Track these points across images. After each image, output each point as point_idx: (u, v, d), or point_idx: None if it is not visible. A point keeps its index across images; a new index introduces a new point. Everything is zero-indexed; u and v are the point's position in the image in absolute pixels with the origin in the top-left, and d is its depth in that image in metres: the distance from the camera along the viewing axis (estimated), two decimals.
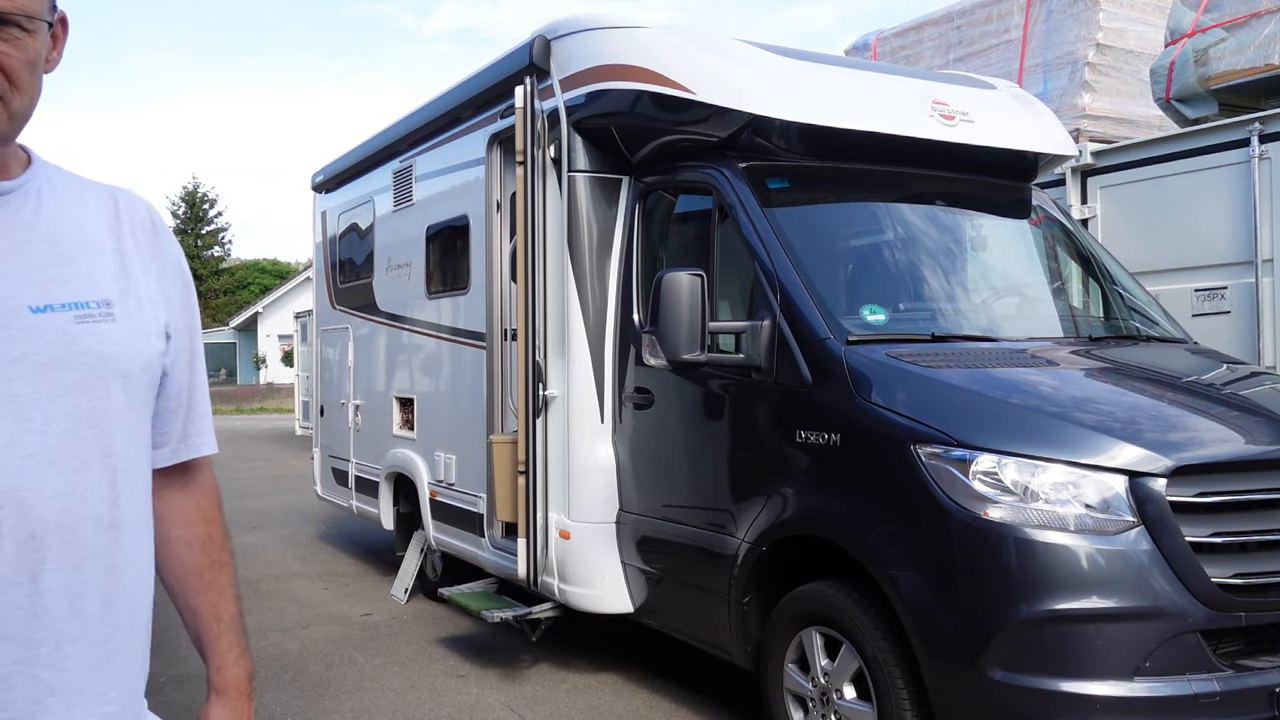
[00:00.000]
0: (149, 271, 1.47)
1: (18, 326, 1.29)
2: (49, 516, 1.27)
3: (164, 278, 1.50)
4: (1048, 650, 3.14)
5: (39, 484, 1.27)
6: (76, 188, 1.46)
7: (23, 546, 1.25)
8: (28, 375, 1.28)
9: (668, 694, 5.05)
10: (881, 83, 4.99)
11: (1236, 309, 5.66)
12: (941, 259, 4.73)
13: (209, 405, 1.64)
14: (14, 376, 1.27)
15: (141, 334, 1.42)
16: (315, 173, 8.98)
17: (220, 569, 1.61)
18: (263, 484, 14.21)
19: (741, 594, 4.12)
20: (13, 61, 1.30)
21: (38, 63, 1.35)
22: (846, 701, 3.69)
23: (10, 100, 1.32)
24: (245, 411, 33.61)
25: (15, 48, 1.30)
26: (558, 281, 5.04)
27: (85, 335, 1.33)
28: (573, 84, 4.95)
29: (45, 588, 1.27)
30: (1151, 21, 7.15)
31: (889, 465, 3.52)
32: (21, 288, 1.30)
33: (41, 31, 1.34)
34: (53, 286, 1.33)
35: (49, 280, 1.33)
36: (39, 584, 1.26)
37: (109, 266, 1.41)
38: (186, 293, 1.55)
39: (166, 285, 1.50)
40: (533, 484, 5.00)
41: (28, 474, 1.26)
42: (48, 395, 1.29)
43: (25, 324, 1.29)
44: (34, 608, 1.26)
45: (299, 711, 4.92)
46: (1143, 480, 3.20)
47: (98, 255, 1.41)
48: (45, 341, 1.30)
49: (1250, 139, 5.58)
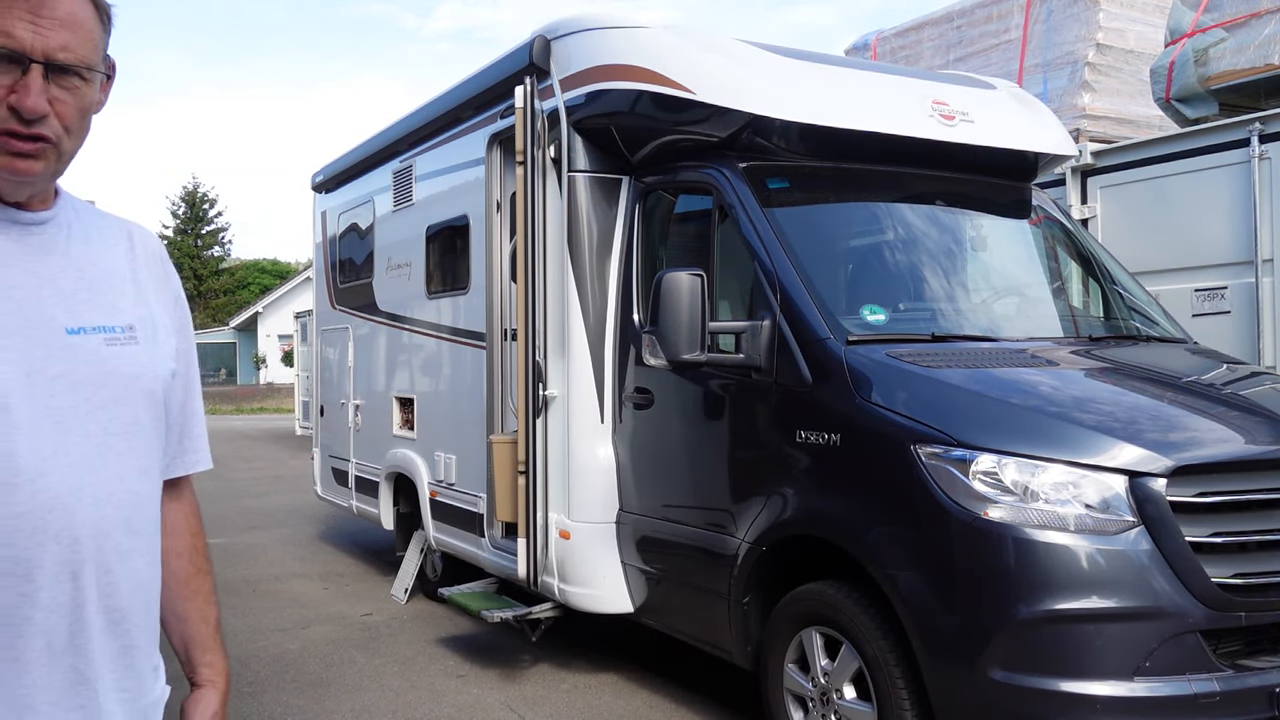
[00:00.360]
0: (160, 300, 1.60)
1: (56, 346, 1.39)
2: (88, 521, 1.37)
3: (170, 306, 1.63)
4: (1048, 650, 3.14)
5: (80, 491, 1.37)
6: (97, 220, 1.57)
7: (66, 548, 1.35)
8: (67, 391, 1.38)
9: (668, 694, 5.05)
10: (881, 83, 4.99)
11: (1236, 309, 5.66)
12: (941, 259, 4.74)
13: (204, 423, 1.76)
14: (56, 392, 1.37)
15: (159, 356, 1.54)
16: (315, 173, 8.98)
17: (205, 576, 1.74)
18: (263, 484, 14.22)
19: (741, 594, 4.12)
20: (69, 109, 1.39)
21: (90, 109, 1.45)
22: (846, 701, 3.69)
23: (62, 143, 1.41)
24: (245, 411, 33.60)
25: (73, 96, 1.40)
26: (558, 281, 5.04)
27: (114, 357, 1.44)
28: (573, 84, 4.95)
29: (83, 586, 1.37)
30: (1151, 21, 7.15)
31: (889, 465, 3.52)
32: (57, 311, 1.41)
33: (96, 80, 1.44)
34: (84, 310, 1.44)
35: (80, 305, 1.44)
36: (78, 583, 1.37)
37: (129, 294, 1.53)
38: (185, 319, 1.68)
39: (172, 312, 1.63)
40: (533, 484, 5.00)
41: (71, 481, 1.36)
42: (85, 410, 1.39)
43: (62, 344, 1.39)
44: (73, 604, 1.36)
45: (299, 711, 4.92)
46: (1143, 480, 3.20)
47: (119, 284, 1.52)
48: (80, 361, 1.40)
49: (1250, 139, 5.58)
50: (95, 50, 1.42)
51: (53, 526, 1.33)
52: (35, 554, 1.32)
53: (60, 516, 1.34)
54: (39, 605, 1.33)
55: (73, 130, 1.41)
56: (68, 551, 1.35)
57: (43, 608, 1.34)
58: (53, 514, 1.33)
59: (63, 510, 1.34)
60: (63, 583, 1.35)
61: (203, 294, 52.74)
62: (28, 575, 1.32)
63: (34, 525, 1.32)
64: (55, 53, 1.36)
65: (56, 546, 1.34)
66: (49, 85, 1.37)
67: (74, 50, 1.38)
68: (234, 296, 52.48)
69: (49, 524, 1.33)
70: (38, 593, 1.33)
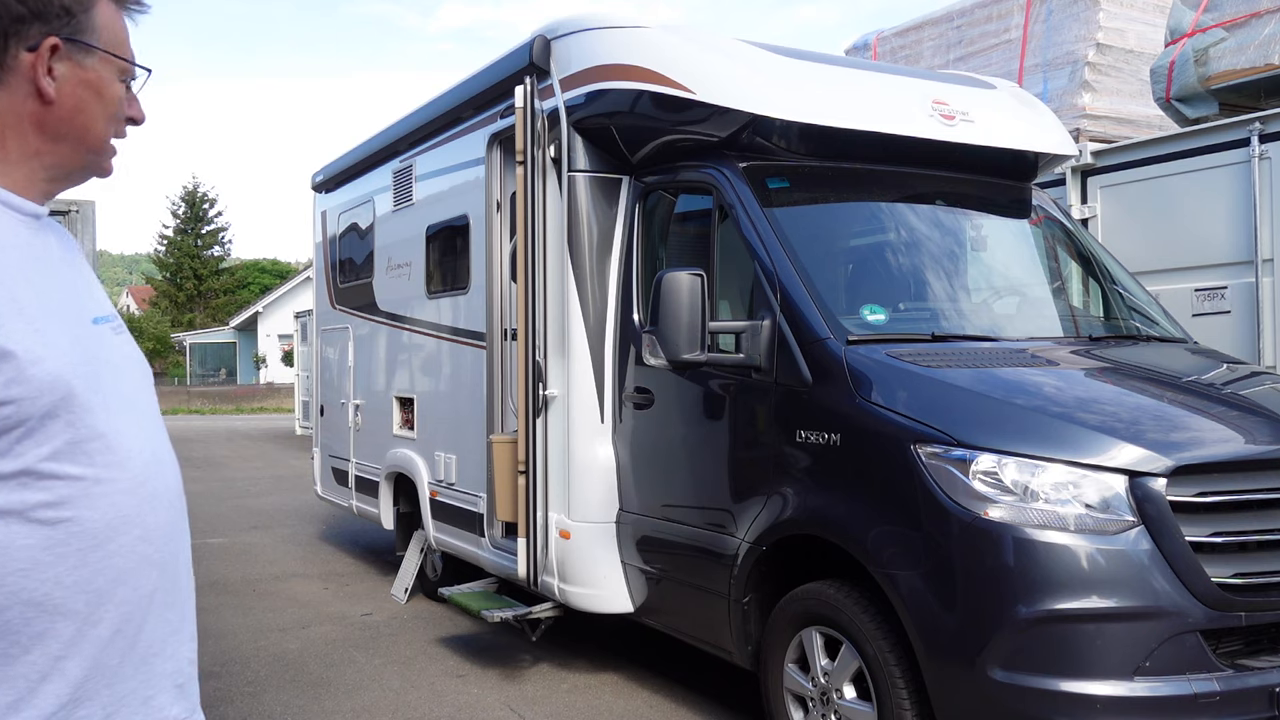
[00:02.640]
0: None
1: (90, 335, 1.43)
2: (168, 491, 1.46)
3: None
4: (1048, 650, 3.14)
5: (159, 464, 1.45)
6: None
7: (171, 507, 1.45)
8: (116, 375, 1.42)
9: (668, 694, 5.05)
10: (882, 82, 4.99)
11: (1236, 309, 5.66)
12: (941, 259, 4.74)
13: None
14: (114, 377, 1.42)
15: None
16: (315, 172, 8.98)
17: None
18: (263, 484, 14.21)
19: (741, 594, 4.12)
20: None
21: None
22: (846, 701, 3.69)
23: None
24: (245, 411, 33.60)
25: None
26: (558, 281, 5.04)
27: (124, 344, 1.50)
28: (573, 84, 4.95)
29: (172, 549, 1.46)
30: (1151, 21, 7.15)
31: (889, 465, 3.52)
32: (84, 301, 1.46)
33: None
34: (91, 302, 1.48)
35: (88, 297, 1.48)
36: (172, 545, 1.46)
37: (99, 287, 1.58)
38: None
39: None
40: (533, 484, 5.00)
41: (152, 455, 1.43)
42: (132, 392, 1.46)
43: (95, 333, 1.44)
44: (176, 561, 1.47)
45: (299, 711, 4.92)
46: (1143, 480, 3.20)
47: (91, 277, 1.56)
48: (112, 346, 1.46)
49: (1250, 139, 5.58)
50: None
51: (156, 491, 1.42)
52: (148, 517, 1.40)
53: (156, 484, 1.42)
54: (153, 563, 1.41)
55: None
56: (174, 512, 1.46)
57: (156, 564, 1.41)
58: (149, 484, 1.41)
59: (156, 479, 1.42)
60: (174, 540, 1.45)
61: (203, 294, 52.73)
62: (145, 536, 1.40)
63: (149, 492, 1.40)
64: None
65: (166, 507, 1.43)
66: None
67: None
68: (234, 296, 52.47)
69: (154, 491, 1.41)
70: (154, 552, 1.41)
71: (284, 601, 7.17)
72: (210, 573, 8.02)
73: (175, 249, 52.89)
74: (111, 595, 1.35)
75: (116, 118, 1.47)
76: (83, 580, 1.31)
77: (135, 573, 1.38)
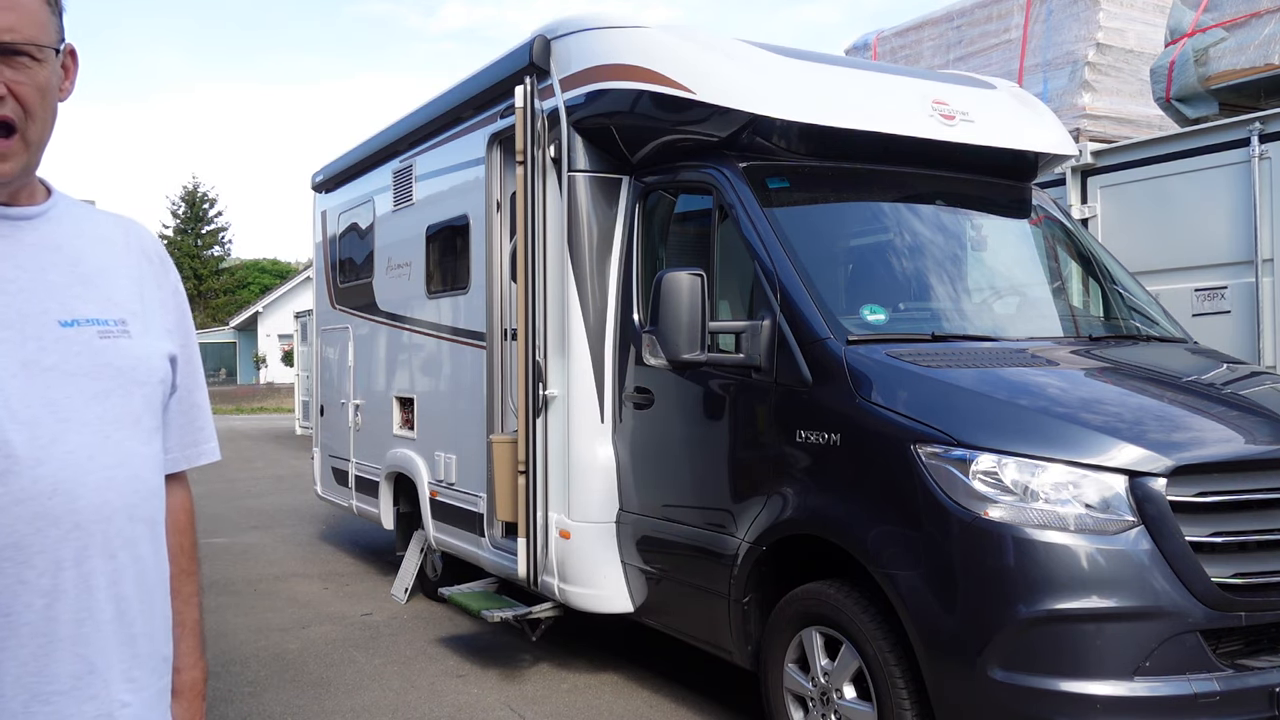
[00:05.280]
0: (157, 295, 1.60)
1: (49, 339, 1.40)
2: (90, 507, 1.38)
3: (168, 302, 1.63)
4: (1048, 650, 3.14)
5: (81, 477, 1.37)
6: (90, 216, 1.58)
7: (69, 534, 1.35)
8: (62, 382, 1.39)
9: (668, 694, 5.05)
10: (882, 82, 4.99)
11: (1236, 309, 5.65)
12: (941, 259, 4.74)
13: (210, 416, 1.75)
14: (50, 383, 1.38)
15: (154, 350, 1.54)
16: (315, 172, 8.98)
17: (188, 578, 1.70)
18: (263, 484, 14.21)
19: (741, 594, 4.12)
20: (25, 90, 1.39)
21: (50, 91, 1.44)
22: (846, 701, 3.69)
23: (27, 130, 1.40)
24: (245, 411, 33.60)
25: (26, 76, 1.39)
26: (558, 281, 5.04)
27: (107, 349, 1.45)
28: (573, 84, 4.95)
29: (88, 572, 1.37)
30: (1151, 21, 7.15)
31: (889, 465, 3.52)
32: (50, 304, 1.42)
33: (51, 60, 1.43)
34: (77, 304, 1.45)
35: (73, 298, 1.45)
36: (82, 569, 1.37)
37: (124, 289, 1.53)
38: (185, 314, 1.69)
39: (170, 308, 1.63)
40: (533, 484, 5.00)
41: (72, 468, 1.36)
42: (81, 401, 1.40)
43: (55, 336, 1.41)
44: (78, 590, 1.36)
45: (299, 711, 4.92)
46: (1143, 480, 3.20)
47: (114, 278, 1.53)
48: (73, 353, 1.41)
49: (1250, 139, 5.58)
50: (42, 29, 1.41)
51: (54, 512, 1.34)
52: (36, 540, 1.32)
53: (62, 502, 1.34)
54: (41, 592, 1.33)
55: (34, 113, 1.41)
56: (70, 537, 1.35)
57: (45, 594, 1.33)
58: (54, 499, 1.34)
59: (64, 495, 1.35)
60: (66, 569, 1.35)
61: (203, 294, 52.72)
62: (29, 561, 1.32)
63: (34, 511, 1.32)
64: (1, 34, 1.36)
65: (57, 532, 1.34)
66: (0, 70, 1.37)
67: (18, 30, 1.37)
68: (234, 296, 52.48)
69: (49, 509, 1.33)
70: (40, 579, 1.33)
71: (284, 601, 7.17)
72: (211, 573, 8.02)
73: (175, 249, 52.86)
74: None
75: None
76: None
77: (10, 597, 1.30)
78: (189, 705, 1.68)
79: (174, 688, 1.65)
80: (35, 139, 1.42)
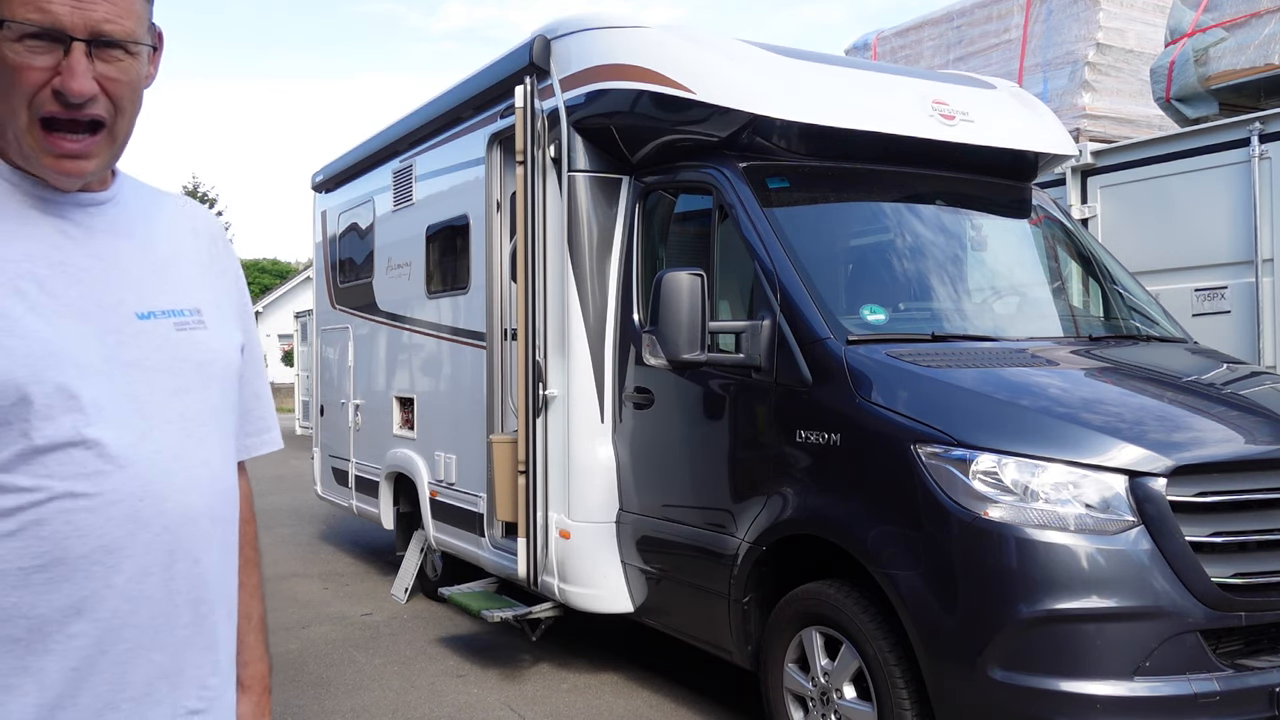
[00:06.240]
0: (222, 280, 1.53)
1: (128, 332, 1.33)
2: (176, 510, 1.31)
3: (231, 287, 1.56)
4: (1048, 650, 3.14)
5: (168, 478, 1.31)
6: (154, 198, 1.50)
7: (158, 537, 1.29)
8: (143, 378, 1.32)
9: (668, 694, 5.05)
10: (882, 82, 4.99)
11: (1236, 309, 5.65)
12: (941, 259, 4.74)
13: (271, 404, 1.68)
14: (132, 380, 1.31)
15: (227, 340, 1.47)
16: (315, 172, 8.98)
17: (253, 569, 1.63)
18: (263, 484, 14.20)
19: (741, 594, 4.12)
20: (120, 87, 1.31)
21: (141, 84, 1.36)
22: (846, 701, 3.69)
23: (116, 125, 1.33)
24: None
25: (121, 71, 1.31)
26: (558, 281, 5.04)
27: (184, 343, 1.38)
28: (573, 84, 4.95)
29: (173, 576, 1.31)
30: (1151, 21, 7.15)
31: (889, 465, 3.52)
32: (126, 295, 1.34)
33: (144, 54, 1.35)
34: (151, 294, 1.37)
35: (148, 288, 1.38)
36: (167, 573, 1.31)
37: (194, 276, 1.46)
38: (245, 298, 1.60)
39: (233, 292, 1.56)
40: (533, 484, 5.00)
41: (159, 468, 1.30)
42: (162, 397, 1.33)
43: (134, 330, 1.33)
44: (162, 595, 1.31)
45: (299, 711, 4.91)
46: (1143, 480, 3.20)
47: (184, 265, 1.45)
48: (153, 347, 1.34)
49: (1250, 139, 5.58)
50: (139, 20, 1.32)
51: (143, 515, 1.28)
52: (128, 543, 1.27)
53: (151, 504, 1.28)
54: (128, 596, 1.28)
55: (125, 110, 1.33)
56: (159, 540, 1.29)
57: (130, 599, 1.28)
58: (144, 501, 1.28)
59: (154, 497, 1.29)
60: (153, 574, 1.29)
61: None
62: (118, 565, 1.26)
63: (125, 513, 1.26)
64: (99, 25, 1.27)
65: (147, 535, 1.28)
66: (93, 63, 1.27)
67: (117, 22, 1.28)
68: None
69: (139, 512, 1.27)
70: (127, 584, 1.27)
71: (284, 601, 7.17)
72: None
73: None
74: (63, 626, 1.22)
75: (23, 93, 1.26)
76: (22, 604, 1.20)
77: (96, 601, 1.25)
78: (257, 700, 1.64)
79: (241, 681, 1.60)
80: (122, 134, 1.35)
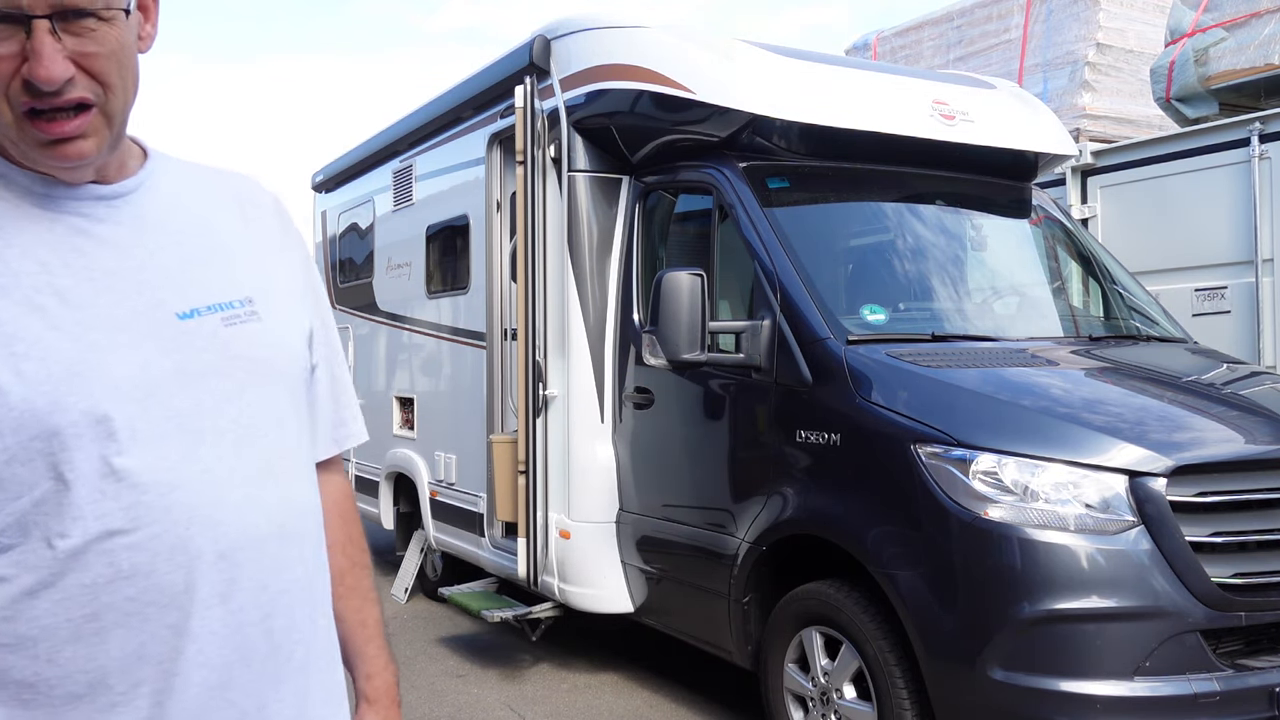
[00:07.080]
0: (282, 264, 1.37)
1: (167, 336, 1.17)
2: (234, 533, 1.16)
3: (295, 269, 1.39)
4: (1048, 650, 3.14)
5: (221, 498, 1.16)
6: (197, 177, 1.34)
7: (213, 567, 1.15)
8: (189, 387, 1.17)
9: (668, 694, 5.05)
10: (882, 82, 4.99)
11: (1236, 309, 5.66)
12: (941, 259, 4.74)
13: (353, 392, 1.54)
14: (175, 390, 1.16)
15: (289, 330, 1.32)
16: (315, 172, 8.98)
17: (362, 571, 1.50)
18: None
19: (741, 594, 4.12)
20: (98, 61, 1.12)
21: (127, 51, 1.16)
22: (846, 701, 3.69)
23: (107, 102, 1.15)
24: None
25: (97, 43, 1.12)
26: (558, 281, 5.04)
27: (236, 339, 1.23)
28: (573, 84, 4.95)
29: (237, 608, 1.17)
30: (1151, 21, 7.16)
31: (889, 465, 3.52)
32: (164, 294, 1.19)
33: (121, 17, 1.14)
34: (193, 289, 1.22)
35: (189, 283, 1.22)
36: (229, 605, 1.16)
37: (245, 261, 1.30)
38: (314, 275, 1.44)
39: (298, 271, 1.39)
40: (533, 484, 5.00)
41: (208, 490, 1.15)
42: (211, 406, 1.18)
43: (174, 332, 1.18)
44: (227, 631, 1.16)
45: None
46: (1143, 480, 3.20)
47: (232, 250, 1.30)
48: (196, 349, 1.19)
49: (1250, 139, 5.58)
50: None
51: (195, 544, 1.13)
52: (179, 578, 1.12)
53: (201, 530, 1.14)
54: (191, 637, 1.14)
55: (112, 84, 1.14)
56: (215, 570, 1.15)
57: (195, 639, 1.14)
58: (192, 529, 1.13)
59: (203, 522, 1.14)
60: (213, 608, 1.15)
61: None
62: (173, 602, 1.12)
63: (172, 545, 1.12)
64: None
65: (204, 566, 1.14)
66: (62, 41, 1.10)
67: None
68: None
69: (188, 541, 1.13)
70: (188, 622, 1.13)
71: None
72: None
73: None
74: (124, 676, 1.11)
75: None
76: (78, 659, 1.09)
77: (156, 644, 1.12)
78: (385, 712, 1.48)
79: (367, 694, 1.48)
80: (117, 109, 1.16)
